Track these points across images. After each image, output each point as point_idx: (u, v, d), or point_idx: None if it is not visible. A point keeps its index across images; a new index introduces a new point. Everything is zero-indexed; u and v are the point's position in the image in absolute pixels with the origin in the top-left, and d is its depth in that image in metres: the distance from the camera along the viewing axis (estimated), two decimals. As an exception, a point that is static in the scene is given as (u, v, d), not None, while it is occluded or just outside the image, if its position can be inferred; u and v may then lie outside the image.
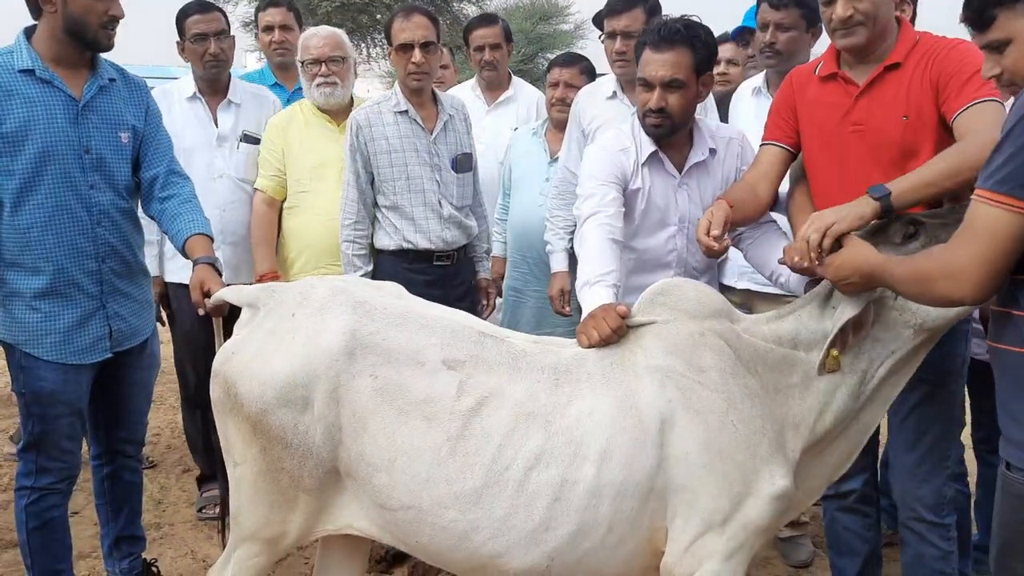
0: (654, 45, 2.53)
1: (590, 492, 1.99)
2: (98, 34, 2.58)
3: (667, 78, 2.53)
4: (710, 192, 2.73)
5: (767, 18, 3.22)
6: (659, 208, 2.71)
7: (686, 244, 2.74)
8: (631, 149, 2.68)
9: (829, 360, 2.09)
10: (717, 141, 2.75)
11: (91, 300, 2.67)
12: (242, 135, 3.65)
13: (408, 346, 2.08)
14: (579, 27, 21.38)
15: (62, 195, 2.58)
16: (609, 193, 2.56)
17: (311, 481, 2.09)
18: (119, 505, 3.01)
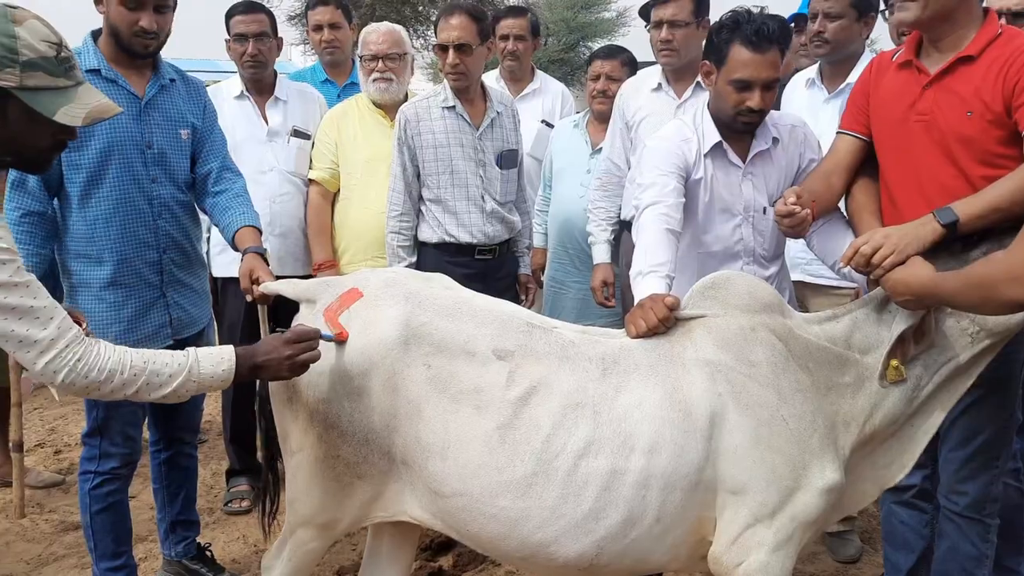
0: (754, 45, 2.48)
1: (639, 482, 2.01)
2: (132, 42, 2.66)
3: (771, 79, 2.53)
4: (774, 180, 2.72)
5: (816, 7, 3.19)
6: (724, 199, 2.70)
7: (752, 234, 2.73)
8: (693, 140, 2.66)
9: (890, 371, 2.10)
10: (780, 129, 2.73)
11: (152, 290, 2.76)
12: (292, 130, 3.73)
13: (459, 336, 2.11)
14: (621, 15, 21.30)
15: (126, 188, 2.68)
16: (669, 183, 2.55)
17: (367, 468, 2.14)
18: (176, 490, 3.11)
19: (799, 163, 2.76)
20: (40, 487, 3.91)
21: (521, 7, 4.70)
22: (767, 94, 2.55)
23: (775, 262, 2.82)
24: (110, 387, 1.82)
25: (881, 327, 2.16)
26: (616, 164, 3.66)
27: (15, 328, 1.72)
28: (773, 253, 2.81)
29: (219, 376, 1.93)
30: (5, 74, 1.71)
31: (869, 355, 2.16)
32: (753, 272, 2.71)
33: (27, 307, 1.73)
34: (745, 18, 2.51)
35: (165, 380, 1.87)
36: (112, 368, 1.81)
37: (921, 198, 2.31)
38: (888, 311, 2.16)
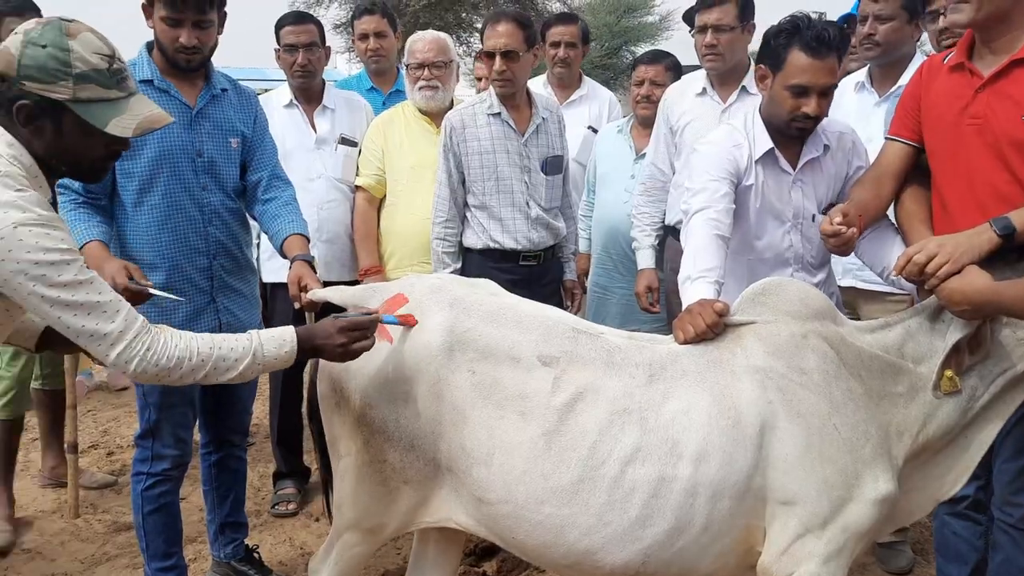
0: (813, 50, 2.46)
1: (686, 490, 1.99)
2: (175, 57, 2.71)
3: (828, 85, 2.51)
4: (823, 187, 2.70)
5: (867, 10, 3.15)
6: (773, 205, 2.68)
7: (801, 240, 2.72)
8: (744, 145, 2.65)
9: (944, 381, 2.06)
10: (829, 136, 2.70)
11: (203, 295, 2.81)
12: (340, 138, 3.78)
13: (503, 342, 2.11)
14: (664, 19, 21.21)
15: (177, 195, 2.73)
16: (720, 188, 2.54)
17: (413, 473, 2.14)
18: (225, 492, 3.15)
19: (847, 171, 2.74)
20: (93, 488, 3.99)
21: (572, 14, 4.70)
22: (823, 101, 2.53)
23: (823, 268, 2.80)
24: (179, 373, 1.88)
25: (935, 336, 2.12)
26: (660, 169, 3.65)
27: (85, 323, 1.78)
28: (821, 260, 2.79)
29: (282, 357, 1.99)
30: (59, 87, 1.76)
31: (923, 365, 2.12)
32: (802, 279, 2.69)
33: (94, 302, 1.79)
34: (805, 23, 2.49)
35: (232, 364, 1.93)
36: (180, 355, 1.87)
37: (974, 204, 2.26)
38: (942, 320, 2.12)
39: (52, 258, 1.72)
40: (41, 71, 1.75)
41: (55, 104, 1.77)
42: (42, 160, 1.83)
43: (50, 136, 1.80)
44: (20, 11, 3.49)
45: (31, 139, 1.80)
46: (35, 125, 1.79)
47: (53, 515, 3.76)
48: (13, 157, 1.77)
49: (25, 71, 1.75)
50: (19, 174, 1.76)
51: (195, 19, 2.67)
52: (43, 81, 1.75)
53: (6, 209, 1.68)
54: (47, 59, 1.75)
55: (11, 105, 1.77)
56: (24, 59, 1.75)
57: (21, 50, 1.76)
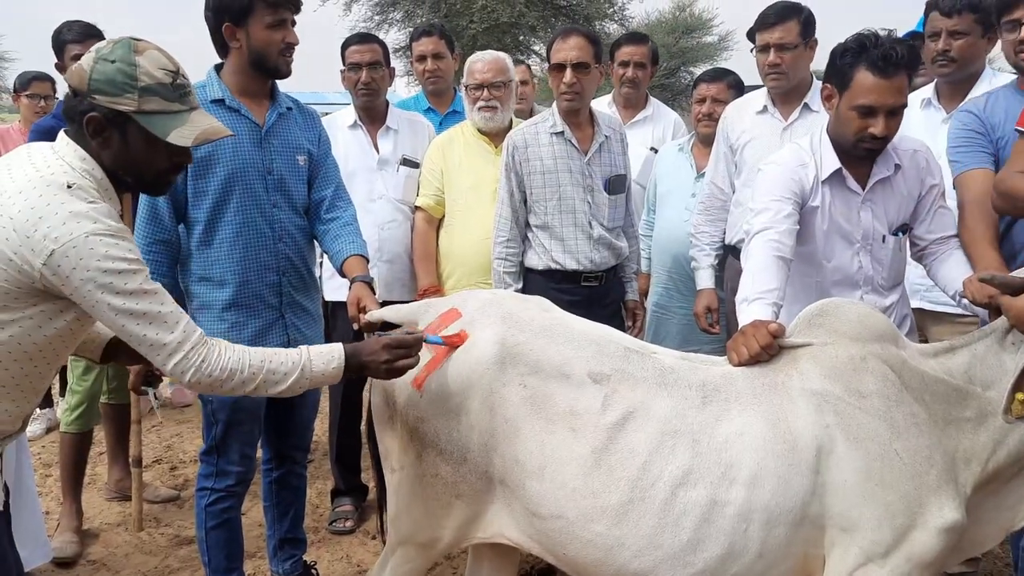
0: (880, 70, 2.41)
1: (740, 515, 1.94)
2: (278, 62, 2.77)
3: (897, 105, 2.45)
4: (894, 208, 2.64)
5: (939, 25, 3.07)
6: (842, 227, 2.62)
7: (871, 262, 2.65)
8: (811, 165, 2.60)
9: (1016, 405, 1.97)
10: (901, 155, 2.63)
11: (272, 311, 2.85)
12: (401, 159, 3.82)
13: (555, 358, 2.11)
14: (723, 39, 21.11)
15: (249, 213, 2.78)
16: (784, 209, 2.50)
17: (465, 487, 2.14)
18: (285, 508, 3.18)
19: (920, 190, 2.66)
20: (157, 502, 4.07)
21: (643, 34, 4.68)
22: (892, 121, 2.46)
23: (895, 291, 2.72)
24: (231, 385, 1.95)
25: (1004, 359, 2.04)
26: (720, 188, 3.61)
27: (147, 332, 1.86)
28: (892, 282, 2.71)
29: (330, 373, 2.05)
30: (125, 99, 1.85)
31: (992, 389, 2.04)
32: (872, 301, 2.63)
33: (156, 312, 1.86)
34: (872, 42, 2.42)
35: (281, 378, 1.99)
36: (232, 367, 1.94)
37: None
38: (1011, 342, 2.04)
39: (120, 267, 1.79)
40: (110, 84, 1.84)
41: (121, 115, 1.86)
42: (111, 172, 1.91)
43: (117, 147, 1.89)
44: (83, 39, 3.61)
45: (100, 152, 1.89)
46: (103, 137, 1.87)
47: (118, 528, 3.86)
48: (85, 171, 1.86)
49: (95, 85, 1.84)
50: (91, 187, 1.85)
51: (293, 17, 2.76)
52: (111, 94, 1.84)
53: (79, 219, 1.76)
54: (115, 73, 1.84)
55: (82, 118, 1.85)
56: (95, 74, 1.85)
57: (92, 66, 1.85)
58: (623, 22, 16.24)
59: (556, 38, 3.39)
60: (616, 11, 16.24)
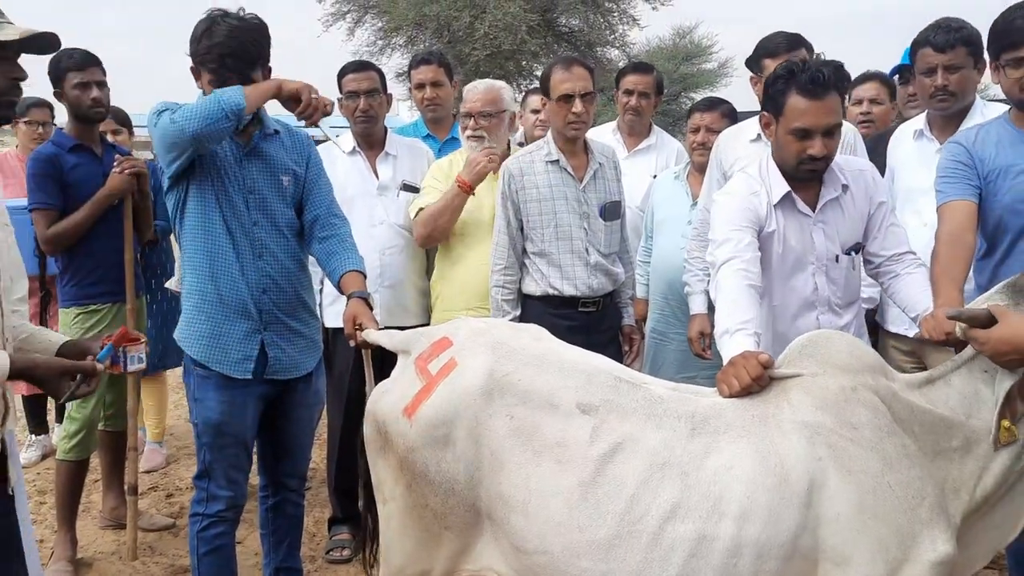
0: (810, 92, 2.49)
1: (729, 550, 1.92)
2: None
3: (830, 125, 2.51)
4: (845, 227, 2.70)
5: (933, 61, 3.09)
6: (795, 249, 2.68)
7: (826, 283, 2.71)
8: (762, 192, 2.66)
9: (1002, 432, 1.96)
10: (847, 175, 2.70)
11: (250, 323, 2.85)
12: (402, 184, 3.83)
13: (543, 388, 2.09)
14: (722, 66, 21.24)
15: (229, 229, 2.81)
16: (744, 238, 2.54)
17: (454, 519, 2.13)
18: (281, 536, 3.15)
19: (869, 208, 2.72)
20: (152, 530, 4.04)
21: (648, 64, 4.71)
22: (829, 140, 2.53)
23: (850, 309, 2.78)
24: None
25: (982, 387, 2.04)
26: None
27: None
28: (847, 300, 2.76)
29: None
30: None
31: (974, 417, 2.03)
32: (829, 321, 2.70)
33: None
34: (799, 67, 2.51)
35: None
36: None
37: None
38: (983, 370, 2.04)
39: None
40: None
41: None
42: None
43: None
44: (82, 67, 3.65)
45: None
46: None
47: (112, 556, 3.82)
48: None
49: None
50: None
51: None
52: None
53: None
54: None
55: None
56: None
57: None
58: (624, 48, 16.35)
59: (556, 68, 3.40)
60: (617, 38, 16.36)
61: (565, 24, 15.83)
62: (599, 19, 15.61)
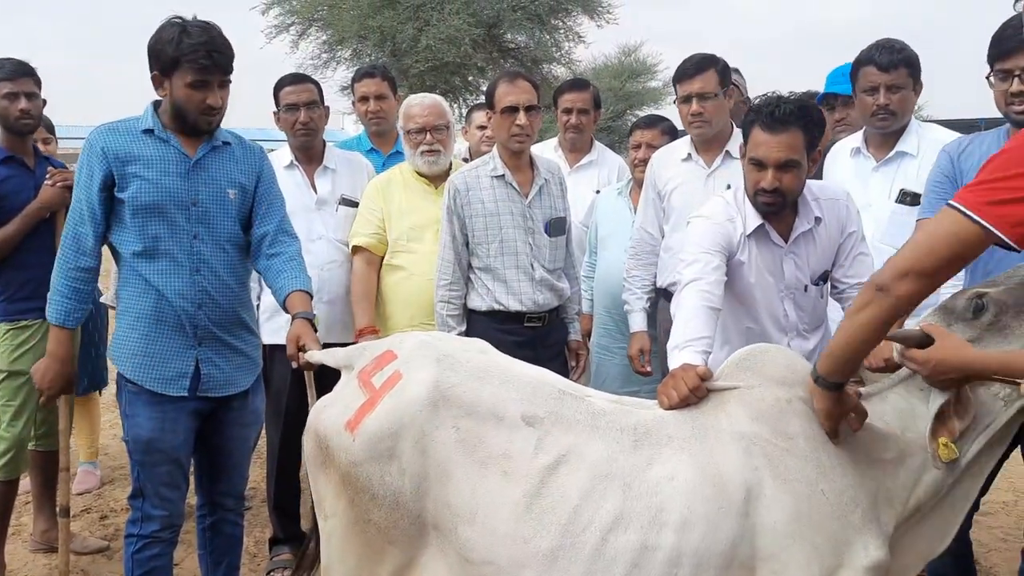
0: (768, 126, 2.54)
1: (670, 560, 1.94)
2: (198, 120, 2.77)
3: (782, 160, 2.55)
4: (815, 259, 2.77)
5: (876, 80, 3.17)
6: (766, 278, 2.74)
7: (795, 310, 2.78)
8: (737, 220, 2.71)
9: (942, 450, 2.02)
10: (822, 205, 2.75)
11: (184, 338, 2.80)
12: (341, 198, 3.80)
13: (489, 400, 2.10)
14: (667, 84, 21.56)
15: (166, 242, 2.75)
16: (712, 261, 2.59)
17: (398, 533, 2.11)
18: (219, 557, 3.08)
19: (840, 239, 2.78)
20: (85, 553, 3.93)
21: (584, 80, 4.77)
22: (783, 175, 2.57)
23: (817, 332, 2.85)
24: None
25: (918, 404, 2.10)
26: (649, 233, 3.71)
27: None
28: (814, 325, 2.84)
29: None
30: None
31: (908, 430, 2.09)
32: (798, 346, 2.75)
33: None
34: (767, 101, 2.58)
35: None
36: None
37: None
38: (922, 388, 2.10)
39: None
40: None
41: None
42: None
43: None
44: (12, 77, 3.57)
45: None
46: None
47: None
48: None
49: None
50: None
51: (220, 80, 2.75)
52: None
53: None
54: None
55: None
56: None
57: None
58: (570, 65, 16.48)
59: (501, 81, 3.43)
60: (563, 55, 16.48)
61: (511, 40, 15.89)
62: (545, 36, 15.71)
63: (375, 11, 14.15)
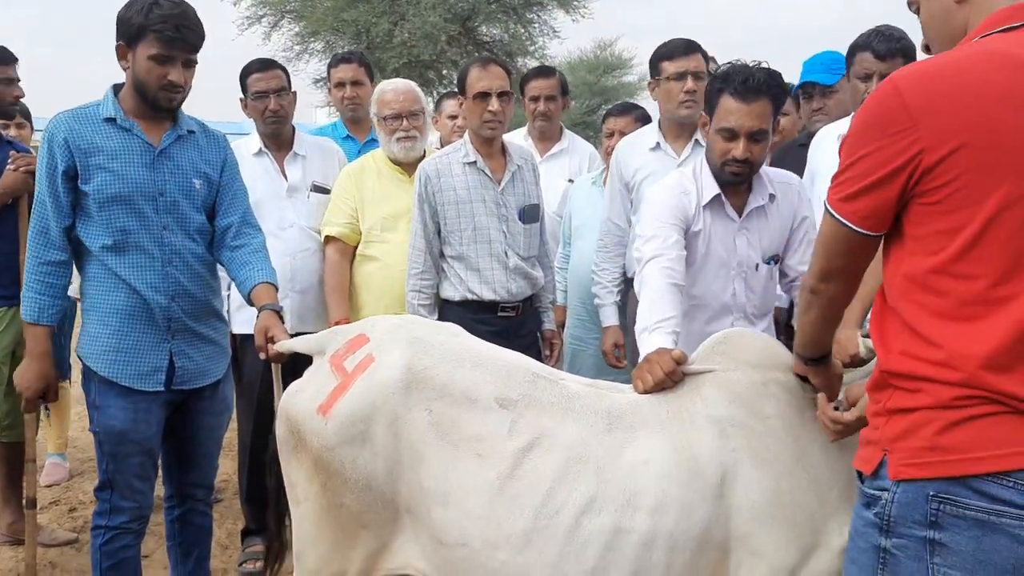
0: (740, 95, 2.52)
1: (644, 543, 1.94)
2: (158, 96, 2.70)
3: (755, 129, 2.55)
4: (768, 237, 2.75)
5: (871, 68, 3.12)
6: (719, 252, 2.72)
7: (744, 290, 2.75)
8: (693, 192, 2.69)
9: None
10: (776, 186, 2.75)
11: (157, 332, 2.75)
12: (312, 185, 3.76)
13: (462, 382, 2.09)
14: (642, 79, 21.64)
15: (137, 234, 2.70)
16: (671, 236, 2.57)
17: (371, 516, 2.10)
18: (188, 548, 3.05)
19: (793, 222, 2.78)
20: (53, 545, 3.86)
21: (550, 67, 4.75)
22: (753, 145, 2.57)
23: (764, 319, 2.83)
24: None
25: None
26: (617, 224, 3.63)
27: None
28: (762, 310, 2.82)
29: None
30: None
31: None
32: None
33: None
34: (735, 69, 2.56)
35: None
36: None
37: None
38: None
39: None
40: None
41: None
42: None
43: None
44: None
45: None
46: None
47: (9, 574, 3.64)
48: None
49: None
50: None
51: (185, 58, 2.69)
52: None
53: None
54: None
55: None
56: None
57: None
58: (544, 60, 16.48)
59: (473, 67, 3.39)
60: (538, 49, 16.49)
61: (486, 33, 15.88)
62: (519, 29, 15.70)
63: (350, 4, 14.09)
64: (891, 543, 1.55)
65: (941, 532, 1.48)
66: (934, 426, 1.50)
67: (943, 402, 1.49)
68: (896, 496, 1.53)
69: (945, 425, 1.49)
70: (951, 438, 1.48)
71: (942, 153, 1.47)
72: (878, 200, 1.57)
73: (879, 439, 1.59)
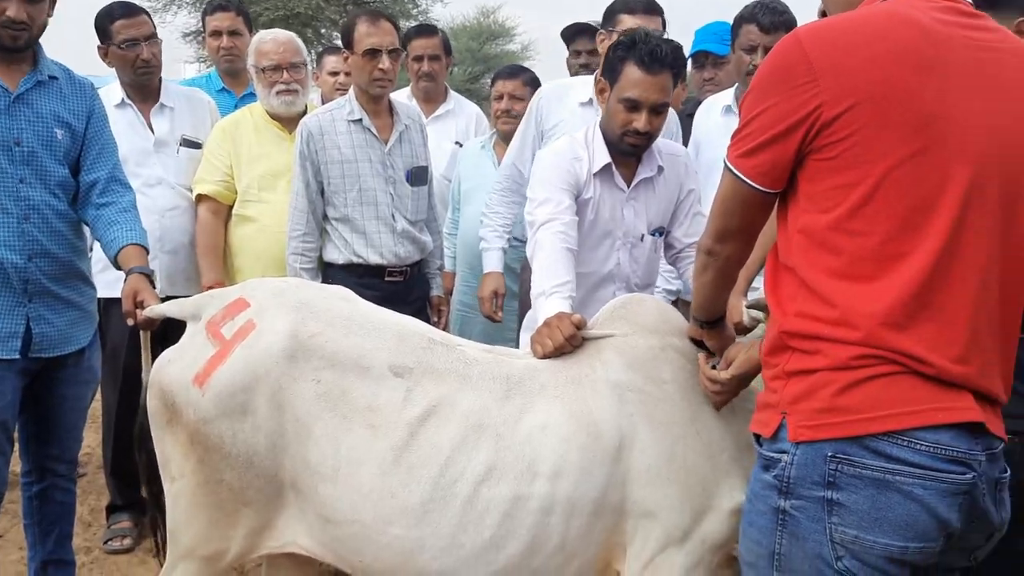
0: (646, 66, 2.48)
1: (542, 509, 1.93)
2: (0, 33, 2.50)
3: (659, 102, 2.52)
4: (654, 208, 2.75)
5: (756, 40, 3.17)
6: (606, 221, 2.70)
7: (628, 260, 2.74)
8: (584, 159, 2.65)
9: None
10: (664, 158, 2.74)
11: (13, 295, 2.56)
12: (181, 139, 3.54)
13: (353, 350, 2.01)
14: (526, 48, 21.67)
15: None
16: (564, 200, 2.54)
17: (253, 493, 2.00)
18: (48, 527, 2.87)
19: (679, 194, 2.79)
20: None
21: (432, 26, 4.64)
22: (655, 118, 2.55)
23: (646, 290, 2.83)
24: None
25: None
26: (519, 171, 3.44)
27: None
28: (645, 281, 2.82)
29: None
30: None
31: None
32: None
33: None
34: (642, 38, 2.51)
35: None
36: None
37: None
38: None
39: None
40: None
41: None
42: None
43: None
44: None
45: None
46: None
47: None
48: None
49: None
50: None
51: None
52: None
53: None
54: None
55: None
56: None
57: None
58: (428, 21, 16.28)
59: (361, 20, 3.23)
60: (420, 12, 16.24)
61: (367, -8, 15.53)
62: (402, -10, 15.43)
63: (221, -47, 13.48)
64: (790, 504, 1.57)
65: (838, 492, 1.51)
66: (832, 388, 1.52)
67: (841, 363, 1.52)
68: (795, 458, 1.55)
69: (843, 386, 1.51)
70: (848, 399, 1.51)
71: (840, 108, 1.48)
72: (776, 155, 1.57)
73: (778, 402, 1.61)
